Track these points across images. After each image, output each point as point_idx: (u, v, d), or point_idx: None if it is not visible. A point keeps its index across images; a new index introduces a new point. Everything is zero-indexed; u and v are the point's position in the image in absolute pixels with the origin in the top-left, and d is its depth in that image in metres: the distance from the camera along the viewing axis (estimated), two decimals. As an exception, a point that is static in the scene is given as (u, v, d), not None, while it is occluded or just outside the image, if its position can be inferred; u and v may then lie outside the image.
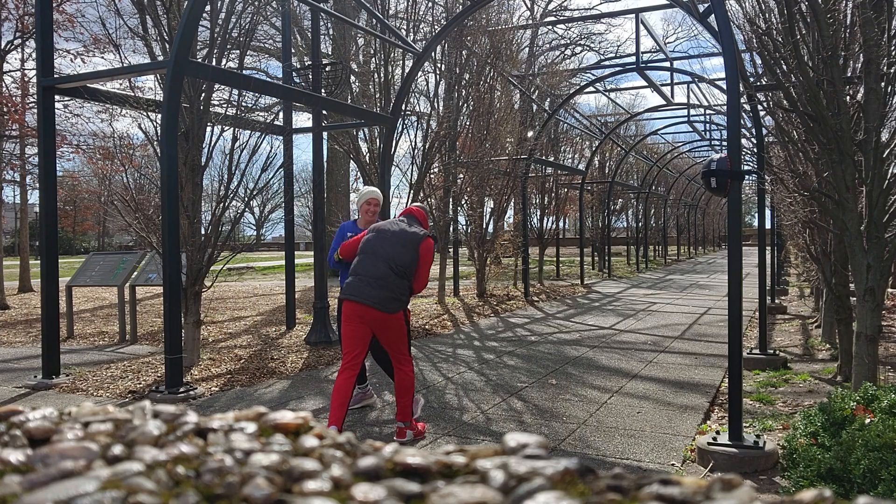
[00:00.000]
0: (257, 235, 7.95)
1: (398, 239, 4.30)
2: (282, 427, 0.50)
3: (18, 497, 0.38)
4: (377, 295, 4.16)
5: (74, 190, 33.64)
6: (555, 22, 20.90)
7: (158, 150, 6.28)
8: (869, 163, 4.37)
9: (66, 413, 0.54)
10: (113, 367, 6.73)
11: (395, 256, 4.23)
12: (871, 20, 4.22)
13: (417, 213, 4.60)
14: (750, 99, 6.05)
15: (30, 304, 12.98)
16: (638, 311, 11.59)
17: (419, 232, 4.35)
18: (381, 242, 4.30)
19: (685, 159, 28.36)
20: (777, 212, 9.44)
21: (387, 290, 4.18)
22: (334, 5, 11.83)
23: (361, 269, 4.27)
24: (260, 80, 7.52)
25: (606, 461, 4.03)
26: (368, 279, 4.20)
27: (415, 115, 11.15)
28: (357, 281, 4.23)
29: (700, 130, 19.76)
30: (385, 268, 4.21)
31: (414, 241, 4.30)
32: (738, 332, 4.24)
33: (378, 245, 4.30)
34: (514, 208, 15.71)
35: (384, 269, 4.21)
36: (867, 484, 2.85)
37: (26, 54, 15.05)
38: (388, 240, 4.30)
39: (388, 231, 4.36)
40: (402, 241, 4.29)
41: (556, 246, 20.06)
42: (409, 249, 4.28)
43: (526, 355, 7.43)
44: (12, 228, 41.37)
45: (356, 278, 4.25)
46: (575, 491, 0.40)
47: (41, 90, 6.21)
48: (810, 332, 9.00)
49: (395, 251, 4.25)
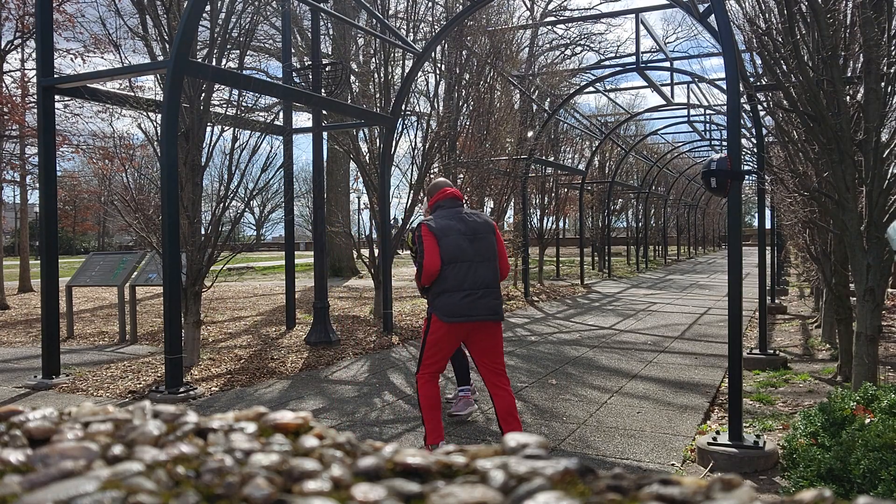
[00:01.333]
0: (257, 235, 7.95)
1: (479, 231, 3.87)
2: (282, 427, 0.50)
3: (18, 497, 0.38)
4: (494, 304, 3.80)
5: (74, 190, 33.64)
6: (555, 22, 20.90)
7: (158, 150, 6.28)
8: (869, 163, 4.37)
9: (66, 413, 0.54)
10: (113, 367, 6.73)
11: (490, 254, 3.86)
12: (871, 20, 4.22)
13: (458, 194, 4.08)
14: (750, 99, 6.05)
15: (30, 304, 12.98)
16: (638, 311, 11.59)
17: (482, 215, 3.98)
18: (471, 243, 3.82)
19: (685, 159, 28.36)
20: (777, 212, 9.44)
21: (495, 296, 3.83)
22: (334, 5, 11.83)
23: (465, 280, 3.77)
24: (260, 80, 7.52)
25: (606, 461, 4.03)
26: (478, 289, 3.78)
27: (415, 115, 11.14)
28: (464, 296, 3.75)
29: (700, 130, 19.76)
30: (491, 270, 3.83)
31: (489, 227, 3.92)
32: (738, 332, 4.24)
33: (469, 247, 3.82)
34: (514, 208, 15.71)
35: (491, 272, 3.82)
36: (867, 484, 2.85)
37: (26, 54, 15.06)
38: (475, 238, 3.84)
39: (465, 227, 3.86)
40: (483, 232, 3.87)
41: (556, 246, 20.06)
42: (491, 237, 3.90)
43: (526, 355, 7.43)
44: (12, 228, 41.38)
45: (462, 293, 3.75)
46: (575, 491, 0.40)
47: (41, 90, 6.21)
48: (810, 332, 9.00)
49: (485, 247, 3.85)
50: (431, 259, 3.77)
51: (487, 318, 3.79)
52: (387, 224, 9.07)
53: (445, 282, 3.76)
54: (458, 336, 3.86)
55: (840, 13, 4.65)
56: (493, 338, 3.89)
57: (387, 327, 8.81)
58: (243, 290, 15.73)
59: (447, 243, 3.78)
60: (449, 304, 3.75)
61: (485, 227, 3.87)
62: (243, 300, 13.43)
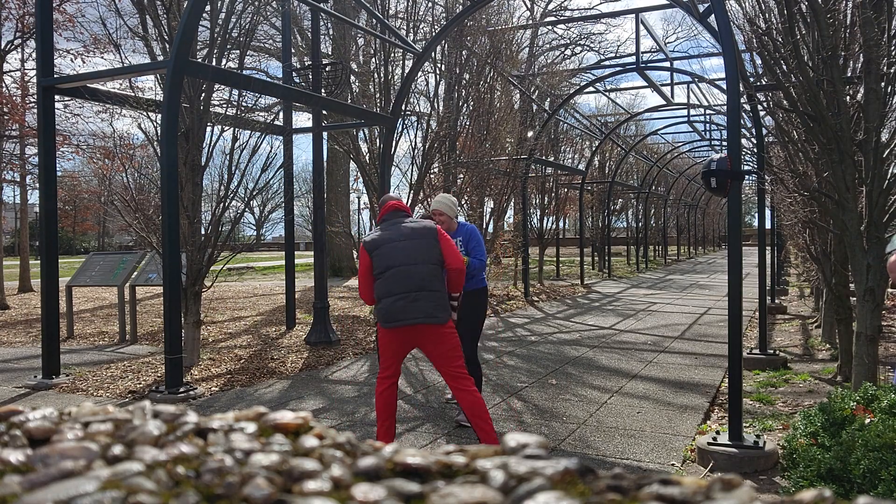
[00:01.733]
0: (257, 235, 7.95)
1: (413, 237, 3.89)
2: (282, 427, 0.50)
3: (18, 497, 0.38)
4: (428, 307, 3.79)
5: (74, 190, 33.64)
6: (555, 22, 20.89)
7: (158, 150, 6.28)
8: (869, 163, 4.37)
9: (66, 413, 0.54)
10: (113, 367, 6.73)
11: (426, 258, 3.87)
12: (871, 20, 4.22)
13: (402, 206, 4.10)
14: (750, 99, 6.05)
15: (30, 304, 12.98)
16: (638, 311, 11.59)
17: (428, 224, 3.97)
18: (404, 249, 3.87)
19: (685, 159, 28.35)
20: (777, 212, 9.44)
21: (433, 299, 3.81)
22: (334, 5, 11.83)
23: (398, 285, 3.81)
24: (260, 80, 7.52)
25: (606, 461, 4.03)
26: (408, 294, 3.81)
27: (415, 115, 11.14)
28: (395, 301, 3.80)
29: (700, 130, 19.76)
30: (427, 273, 3.83)
31: (428, 231, 3.91)
32: (738, 332, 4.24)
33: (401, 253, 3.86)
34: (514, 208, 15.71)
35: (427, 275, 3.83)
36: (867, 484, 2.85)
37: (26, 54, 15.06)
38: (409, 244, 3.87)
39: (400, 234, 3.92)
40: (418, 237, 3.89)
41: (556, 246, 20.06)
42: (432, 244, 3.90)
43: (526, 355, 7.43)
44: (12, 228, 41.37)
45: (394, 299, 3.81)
46: (575, 491, 0.40)
47: (41, 90, 6.21)
48: (810, 332, 9.00)
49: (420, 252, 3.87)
50: (360, 278, 3.97)
51: (423, 321, 3.74)
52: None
53: (381, 288, 3.83)
54: (402, 340, 3.85)
55: (840, 13, 4.65)
56: (439, 341, 3.82)
57: (387, 327, 8.80)
58: (243, 290, 15.73)
59: (380, 254, 3.86)
60: (384, 309, 3.79)
61: (421, 232, 3.86)
62: (243, 300, 13.43)
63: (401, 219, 4.00)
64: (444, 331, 3.83)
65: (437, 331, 3.81)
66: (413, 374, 6.48)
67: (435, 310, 3.77)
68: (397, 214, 4.02)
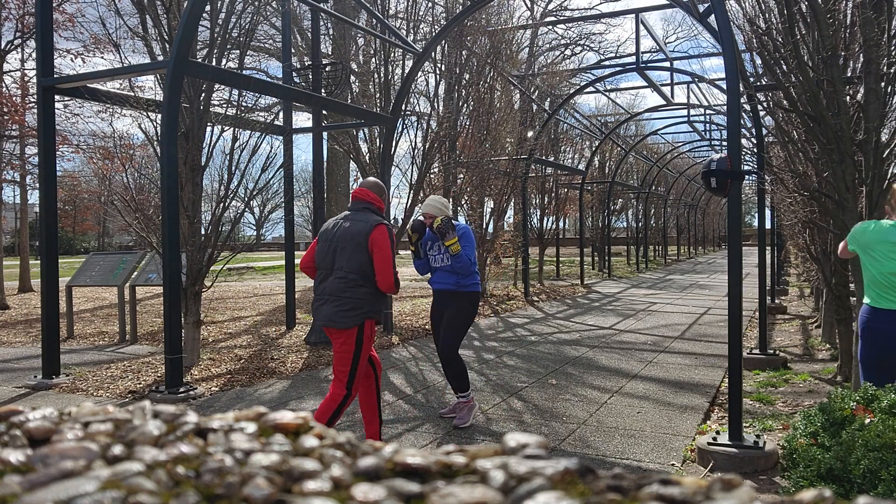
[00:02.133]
0: (257, 235, 7.95)
1: (342, 241, 3.81)
2: (282, 427, 0.50)
3: (18, 497, 0.38)
4: (331, 311, 3.79)
5: (74, 190, 33.64)
6: (555, 22, 20.90)
7: (158, 150, 6.28)
8: (869, 163, 4.37)
9: (66, 413, 0.54)
10: (113, 367, 6.73)
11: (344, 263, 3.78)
12: (871, 20, 4.22)
13: (362, 193, 3.94)
14: (750, 99, 6.06)
15: (30, 304, 12.98)
16: (638, 311, 11.59)
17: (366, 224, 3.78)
18: (332, 251, 3.84)
19: (685, 159, 28.36)
20: (777, 212, 9.44)
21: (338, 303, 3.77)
22: (334, 5, 11.83)
23: (319, 285, 3.88)
24: (260, 80, 7.52)
25: (606, 461, 4.03)
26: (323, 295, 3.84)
27: (415, 115, 11.15)
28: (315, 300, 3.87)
29: (700, 130, 19.76)
30: (341, 279, 3.78)
31: (360, 234, 3.75)
32: (738, 332, 4.24)
33: (329, 254, 3.85)
34: (514, 208, 15.71)
35: (340, 282, 3.79)
36: (867, 484, 2.85)
37: (26, 54, 15.06)
38: (338, 246, 3.82)
39: (338, 231, 3.85)
40: (346, 241, 3.79)
41: (556, 246, 20.06)
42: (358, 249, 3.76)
43: (526, 355, 7.43)
44: (12, 228, 41.37)
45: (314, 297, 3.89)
46: (575, 491, 0.40)
47: (41, 90, 6.21)
48: (810, 332, 9.00)
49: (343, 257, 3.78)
50: (304, 257, 4.02)
51: (326, 324, 3.78)
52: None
53: (315, 282, 3.95)
54: (331, 337, 3.87)
55: (840, 13, 4.65)
56: (339, 344, 3.80)
57: (387, 327, 8.81)
58: (243, 290, 15.73)
59: (319, 247, 3.90)
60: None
61: (353, 238, 3.75)
62: (243, 300, 13.43)
63: (352, 212, 3.91)
64: (345, 336, 3.78)
65: (339, 335, 3.80)
66: (413, 375, 6.48)
67: (336, 315, 3.75)
68: (356, 205, 3.93)
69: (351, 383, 3.81)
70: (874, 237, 3.57)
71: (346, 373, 3.80)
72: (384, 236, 3.74)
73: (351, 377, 3.81)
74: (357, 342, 3.77)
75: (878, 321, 3.56)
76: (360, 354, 3.81)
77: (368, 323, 3.80)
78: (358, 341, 3.78)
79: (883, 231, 3.55)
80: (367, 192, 3.93)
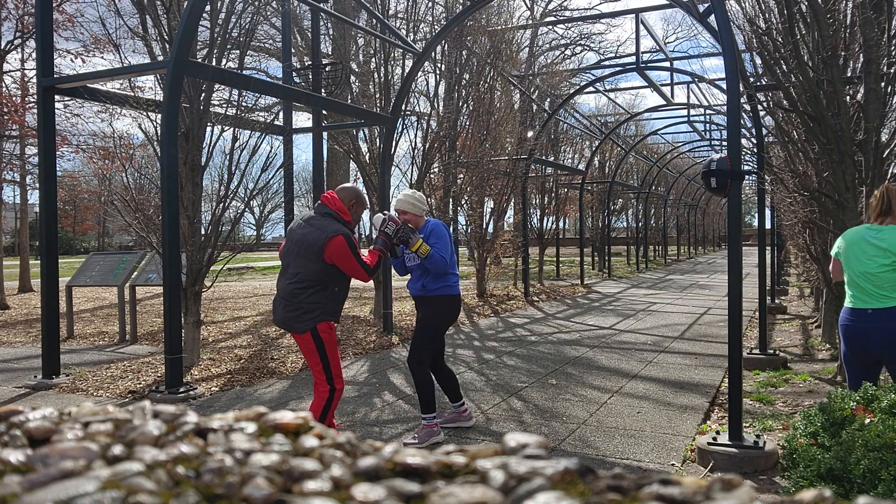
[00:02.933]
0: (257, 235, 7.95)
1: (298, 246, 3.79)
2: (282, 427, 0.50)
3: (18, 497, 0.38)
4: (282, 314, 3.82)
5: (74, 190, 33.65)
6: (555, 22, 20.90)
7: (158, 150, 6.28)
8: (869, 163, 4.37)
9: (66, 413, 0.54)
10: (113, 367, 6.73)
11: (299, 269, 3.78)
12: (871, 20, 4.22)
13: (328, 199, 3.89)
14: (750, 99, 6.06)
15: (30, 304, 12.98)
16: (638, 311, 11.59)
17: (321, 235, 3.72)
18: (290, 253, 3.85)
19: (685, 159, 28.35)
20: (777, 212, 9.44)
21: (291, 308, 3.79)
22: (334, 5, 11.83)
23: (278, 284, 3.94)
24: (260, 80, 7.52)
25: (606, 461, 4.03)
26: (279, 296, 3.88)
27: (415, 115, 11.15)
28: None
29: (700, 130, 19.76)
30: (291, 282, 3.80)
31: (316, 242, 3.71)
32: (738, 332, 4.24)
33: (287, 255, 3.87)
34: (514, 208, 15.71)
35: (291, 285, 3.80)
36: (867, 484, 2.85)
37: (26, 54, 15.06)
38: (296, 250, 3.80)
39: (297, 236, 3.83)
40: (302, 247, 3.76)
41: (556, 246, 20.06)
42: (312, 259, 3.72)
43: (526, 355, 7.43)
44: (12, 228, 41.37)
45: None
46: (575, 491, 0.40)
47: (41, 90, 6.21)
48: (810, 332, 9.00)
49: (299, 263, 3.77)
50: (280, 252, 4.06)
51: (281, 326, 3.86)
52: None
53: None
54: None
55: (840, 13, 4.65)
56: (301, 346, 3.86)
57: (387, 327, 8.81)
58: (243, 290, 15.73)
59: (284, 246, 3.95)
60: None
61: (308, 245, 3.72)
62: (243, 300, 13.43)
63: (314, 216, 3.87)
64: (303, 339, 3.81)
65: (297, 338, 3.85)
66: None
67: (289, 319, 3.79)
68: (319, 209, 3.90)
69: (331, 377, 3.83)
70: (851, 238, 3.71)
71: (320, 370, 3.83)
72: (341, 248, 3.68)
73: (328, 371, 3.83)
74: (316, 343, 3.79)
75: (852, 320, 3.66)
76: (326, 349, 3.83)
77: (323, 325, 3.80)
78: (317, 342, 3.79)
79: (859, 232, 3.68)
80: (334, 200, 3.87)
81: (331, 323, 3.84)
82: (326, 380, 3.83)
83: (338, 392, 3.87)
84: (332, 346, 3.86)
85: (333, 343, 3.88)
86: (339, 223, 3.81)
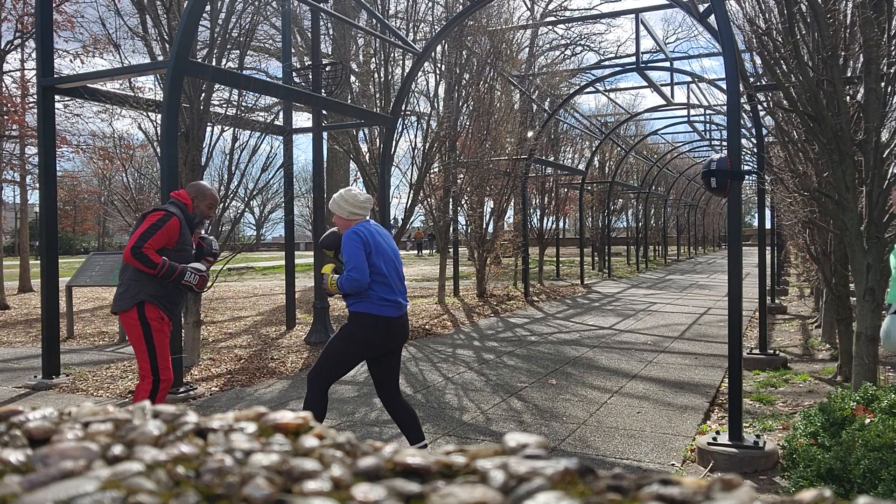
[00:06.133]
0: (257, 235, 7.98)
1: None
2: (282, 427, 0.50)
3: (18, 497, 0.38)
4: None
5: (74, 190, 33.63)
6: (555, 22, 20.89)
7: (158, 150, 6.28)
8: (869, 163, 4.37)
9: (66, 413, 0.54)
10: (113, 367, 6.73)
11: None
12: (871, 20, 4.22)
13: (176, 192, 4.15)
14: (750, 99, 6.05)
15: (30, 304, 12.97)
16: (638, 311, 11.59)
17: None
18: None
19: (685, 159, 28.35)
20: (777, 212, 9.44)
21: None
22: (334, 5, 11.83)
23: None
24: (260, 80, 7.52)
25: (606, 461, 4.03)
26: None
27: (415, 115, 11.15)
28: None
29: (700, 130, 19.76)
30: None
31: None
32: (738, 332, 4.24)
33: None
34: (514, 208, 15.71)
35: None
36: (867, 484, 2.85)
37: (26, 54, 15.05)
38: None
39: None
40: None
41: (556, 246, 20.05)
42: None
43: (526, 355, 7.43)
44: (12, 228, 41.36)
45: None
46: (575, 491, 0.40)
47: (41, 90, 6.20)
48: (810, 332, 9.00)
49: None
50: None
51: (112, 309, 3.92)
52: (387, 224, 9.07)
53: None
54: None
55: (840, 13, 4.65)
56: (126, 330, 3.89)
57: (387, 327, 8.79)
58: (243, 290, 15.72)
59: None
60: None
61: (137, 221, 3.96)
62: (243, 300, 13.43)
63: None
64: (124, 319, 3.82)
65: (122, 319, 3.85)
66: (413, 375, 6.48)
67: (116, 297, 3.84)
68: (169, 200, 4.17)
69: (156, 368, 3.77)
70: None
71: (145, 359, 3.76)
72: (147, 220, 3.77)
73: (153, 362, 3.77)
74: (143, 326, 3.73)
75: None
76: (154, 338, 3.76)
77: (151, 310, 3.75)
78: (143, 326, 3.73)
79: None
80: (180, 192, 4.09)
81: (160, 312, 3.81)
82: (151, 370, 3.76)
83: (163, 384, 3.79)
84: (161, 337, 3.82)
85: (163, 334, 3.83)
86: (176, 206, 3.95)
